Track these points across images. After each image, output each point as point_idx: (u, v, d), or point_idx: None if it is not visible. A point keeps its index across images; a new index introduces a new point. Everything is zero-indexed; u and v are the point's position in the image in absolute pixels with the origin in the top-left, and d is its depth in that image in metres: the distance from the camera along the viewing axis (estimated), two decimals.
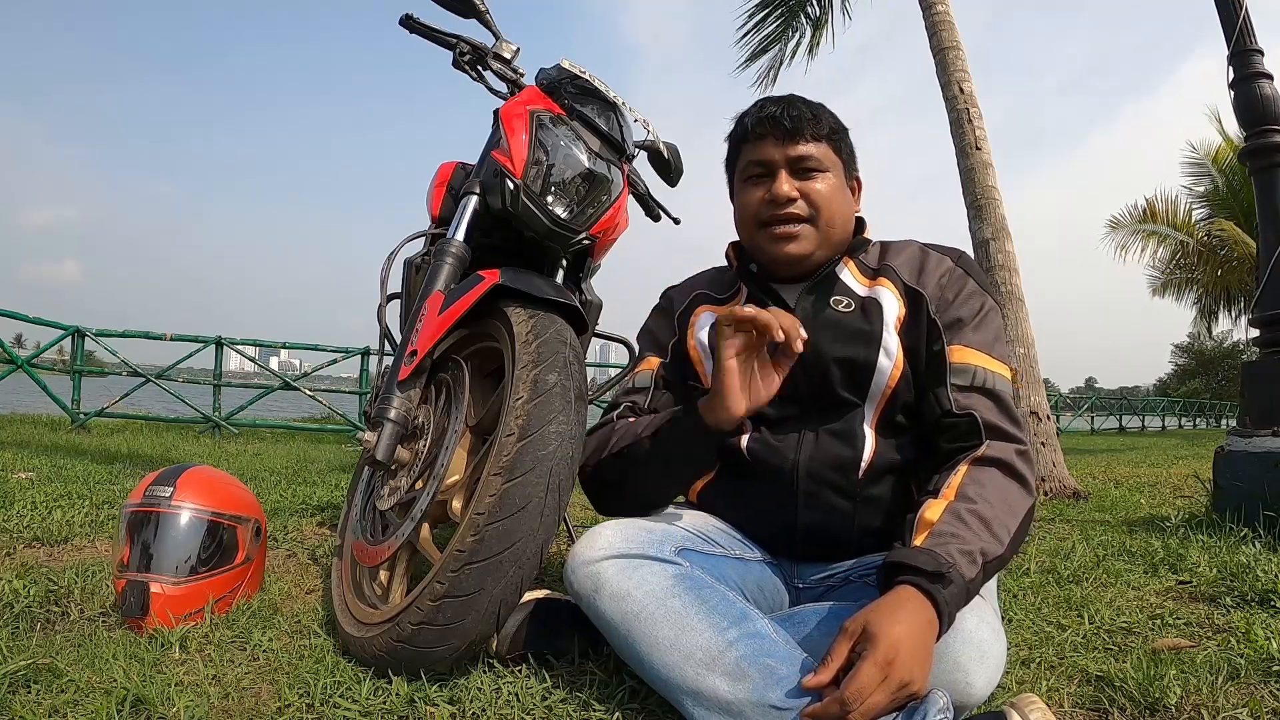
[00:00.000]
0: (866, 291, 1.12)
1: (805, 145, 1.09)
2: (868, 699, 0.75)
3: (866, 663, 0.76)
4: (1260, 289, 2.46)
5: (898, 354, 1.07)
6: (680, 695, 0.87)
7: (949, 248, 1.16)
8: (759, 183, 1.12)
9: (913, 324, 1.08)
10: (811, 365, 1.07)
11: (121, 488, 2.48)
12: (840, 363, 1.07)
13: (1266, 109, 2.45)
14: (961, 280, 1.10)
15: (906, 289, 1.10)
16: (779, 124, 1.09)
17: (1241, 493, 2.16)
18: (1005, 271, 3.77)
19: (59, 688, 0.94)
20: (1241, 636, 1.21)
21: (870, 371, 1.07)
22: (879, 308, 1.09)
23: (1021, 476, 0.98)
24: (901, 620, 0.79)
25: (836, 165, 1.12)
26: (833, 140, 1.12)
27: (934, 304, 1.08)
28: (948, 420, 1.03)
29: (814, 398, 1.09)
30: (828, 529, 1.08)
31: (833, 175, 1.11)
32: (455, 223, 1.36)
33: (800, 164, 1.10)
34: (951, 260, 1.13)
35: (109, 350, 6.58)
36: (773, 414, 1.10)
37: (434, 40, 1.55)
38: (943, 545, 0.87)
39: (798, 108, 1.10)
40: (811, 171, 1.10)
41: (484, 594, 0.97)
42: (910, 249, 1.15)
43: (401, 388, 1.22)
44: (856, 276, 1.14)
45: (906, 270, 1.12)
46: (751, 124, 1.12)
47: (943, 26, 4.17)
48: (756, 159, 1.12)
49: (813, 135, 1.10)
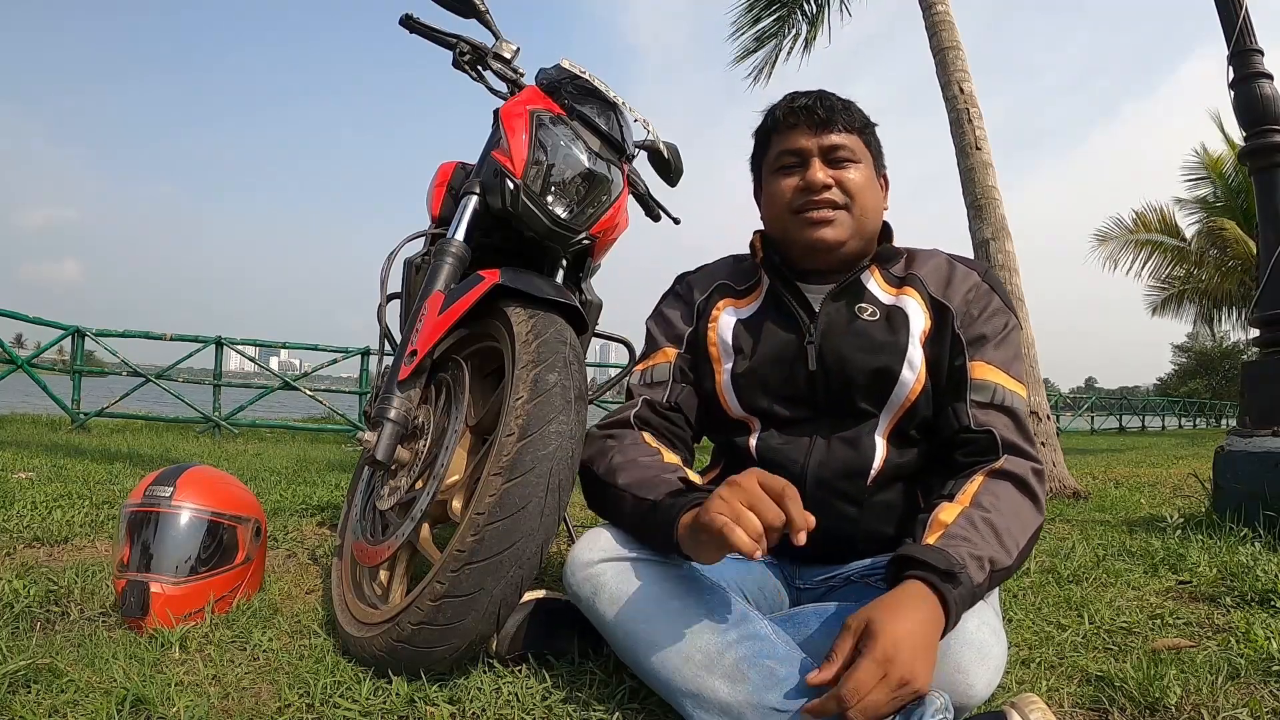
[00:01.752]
0: (892, 300, 1.10)
1: (838, 135, 1.09)
2: (866, 697, 0.74)
3: (865, 659, 0.75)
4: (1260, 289, 2.46)
5: (921, 367, 1.06)
6: (680, 697, 0.87)
7: (974, 261, 1.15)
8: (791, 172, 1.11)
9: (937, 337, 1.08)
10: (833, 373, 1.07)
11: (121, 488, 2.48)
12: (863, 373, 1.06)
13: (1266, 109, 2.45)
14: (987, 297, 1.10)
15: (933, 301, 1.09)
16: (812, 113, 1.09)
17: (1241, 493, 2.16)
18: (1005, 271, 3.77)
19: (59, 688, 0.94)
20: (1241, 636, 1.21)
21: (892, 383, 1.06)
22: (905, 318, 1.08)
23: (1034, 495, 0.98)
24: (905, 616, 0.78)
25: (867, 158, 1.12)
26: (864, 134, 1.12)
27: (959, 319, 1.07)
28: (966, 435, 1.03)
29: (830, 404, 1.08)
30: (832, 534, 1.07)
31: (865, 166, 1.11)
32: (455, 223, 1.36)
33: (833, 153, 1.09)
34: (978, 275, 1.12)
35: (109, 350, 6.58)
36: (784, 414, 1.10)
37: (434, 40, 1.55)
38: (955, 546, 0.87)
39: (830, 99, 1.10)
40: (845, 161, 1.09)
41: (484, 594, 0.97)
42: (937, 259, 1.14)
43: (401, 388, 1.22)
44: (882, 285, 1.12)
45: (933, 282, 1.11)
46: (783, 114, 1.11)
47: (943, 26, 4.17)
48: (789, 148, 1.11)
49: (845, 126, 1.09)
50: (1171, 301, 16.05)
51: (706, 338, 1.17)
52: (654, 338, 1.21)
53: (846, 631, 0.80)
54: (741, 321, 1.15)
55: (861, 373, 1.06)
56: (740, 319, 1.16)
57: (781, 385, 1.10)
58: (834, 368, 1.07)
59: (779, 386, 1.10)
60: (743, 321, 1.15)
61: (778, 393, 1.10)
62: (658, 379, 1.16)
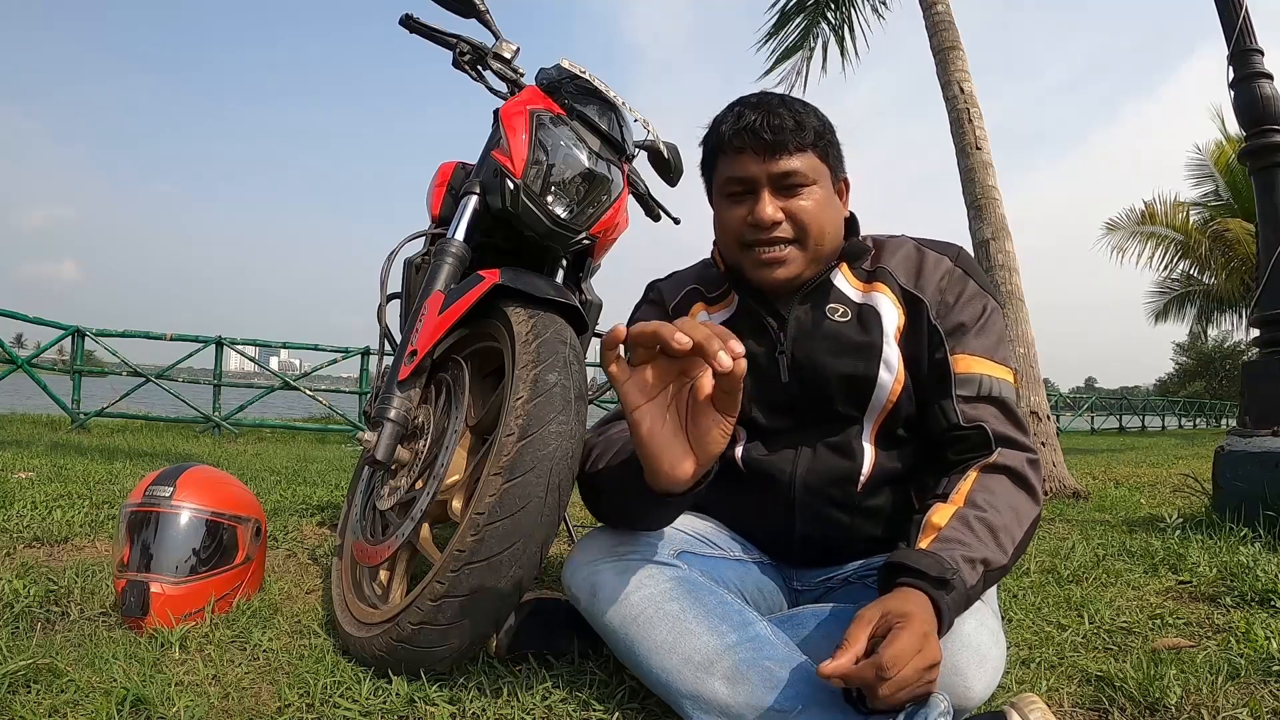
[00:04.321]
0: (862, 298, 1.06)
1: (789, 159, 0.99)
2: (903, 667, 0.72)
3: (906, 632, 0.74)
4: (1260, 289, 2.46)
5: (899, 367, 1.02)
6: (679, 698, 0.87)
7: (945, 244, 1.09)
8: (740, 200, 1.03)
9: (912, 332, 1.03)
10: (809, 379, 1.04)
11: (121, 488, 2.48)
12: (839, 379, 1.03)
13: (1266, 109, 2.45)
14: (962, 282, 1.04)
15: (905, 294, 1.04)
16: (758, 137, 0.98)
17: (1241, 493, 2.16)
18: (1005, 271, 3.77)
19: (59, 688, 0.94)
20: (1241, 636, 1.21)
21: (870, 387, 1.02)
22: (877, 317, 1.03)
23: (1030, 486, 0.96)
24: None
25: (823, 173, 1.03)
26: (818, 147, 1.01)
27: (934, 309, 1.03)
28: (956, 433, 0.99)
29: (812, 411, 1.05)
30: (826, 539, 1.07)
31: (819, 188, 1.02)
32: (455, 222, 1.36)
33: (784, 181, 1.00)
34: (950, 260, 1.06)
35: (109, 350, 6.59)
36: (766, 424, 1.07)
37: (434, 40, 1.55)
38: (948, 550, 0.86)
39: (779, 115, 0.99)
40: (797, 188, 1.00)
41: (484, 594, 0.97)
42: (905, 248, 1.08)
43: (401, 387, 1.22)
44: (851, 281, 1.07)
45: (903, 273, 1.06)
46: (729, 134, 1.01)
47: (943, 26, 4.17)
48: (735, 175, 1.02)
49: (797, 146, 0.99)
50: (1173, 305, 16.03)
51: None
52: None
53: (861, 620, 0.77)
54: None
55: (837, 378, 1.02)
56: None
57: (760, 395, 1.07)
58: (808, 375, 1.04)
59: (758, 396, 1.07)
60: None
61: (757, 402, 1.07)
62: None
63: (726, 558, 1.07)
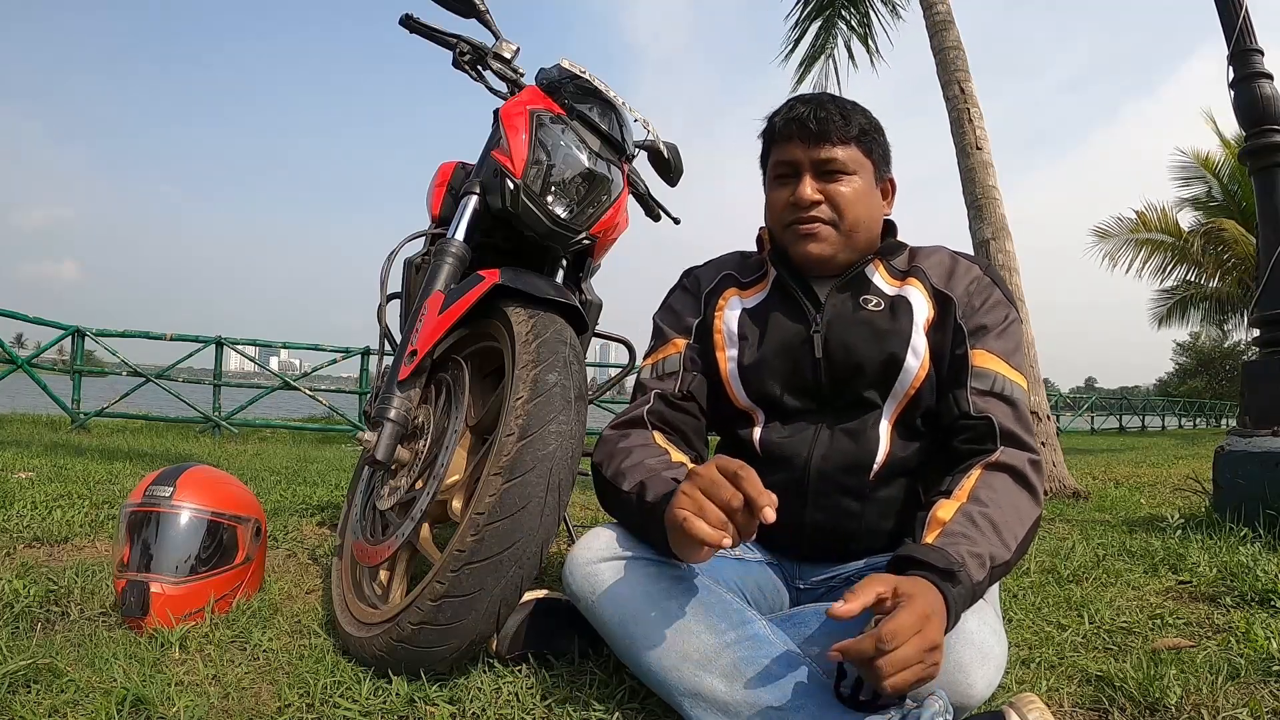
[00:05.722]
0: (895, 291, 1.11)
1: (831, 148, 1.08)
2: (901, 645, 0.72)
3: (906, 610, 0.74)
4: (1260, 289, 2.46)
5: (925, 354, 1.07)
6: (678, 696, 0.87)
7: (976, 257, 1.17)
8: (785, 183, 1.12)
9: (940, 326, 1.09)
10: (839, 362, 1.08)
11: (121, 488, 2.48)
12: (868, 360, 1.07)
13: (1266, 109, 2.45)
14: (989, 289, 1.11)
15: (936, 292, 1.10)
16: (805, 126, 1.08)
17: (1241, 493, 2.16)
18: (1005, 271, 3.77)
19: (59, 688, 0.94)
20: (1241, 636, 1.21)
21: (897, 370, 1.07)
22: (909, 307, 1.09)
23: (1032, 486, 0.98)
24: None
25: (866, 167, 1.10)
26: (862, 142, 1.10)
27: (961, 309, 1.08)
28: (965, 422, 1.03)
29: (835, 394, 1.09)
30: (835, 529, 1.08)
31: (859, 178, 1.09)
32: (455, 222, 1.36)
33: (825, 166, 1.08)
34: (980, 269, 1.13)
35: (109, 350, 6.59)
36: (789, 404, 1.10)
37: (434, 40, 1.55)
38: (954, 545, 0.87)
39: (826, 109, 1.08)
40: (837, 174, 1.08)
41: (484, 594, 0.97)
42: (940, 254, 1.15)
43: (401, 387, 1.22)
44: (886, 278, 1.13)
45: (936, 274, 1.12)
46: (780, 124, 1.11)
47: (943, 26, 4.17)
48: (783, 159, 1.11)
49: (839, 138, 1.08)
50: (1176, 309, 15.98)
51: (713, 325, 1.17)
52: (662, 331, 1.20)
53: (873, 579, 0.78)
54: (747, 311, 1.16)
55: (867, 360, 1.07)
56: (746, 308, 1.16)
57: (787, 375, 1.10)
58: (839, 356, 1.08)
59: (785, 376, 1.10)
60: (748, 311, 1.16)
61: (783, 382, 1.10)
62: (669, 370, 1.16)
63: (727, 556, 1.07)
